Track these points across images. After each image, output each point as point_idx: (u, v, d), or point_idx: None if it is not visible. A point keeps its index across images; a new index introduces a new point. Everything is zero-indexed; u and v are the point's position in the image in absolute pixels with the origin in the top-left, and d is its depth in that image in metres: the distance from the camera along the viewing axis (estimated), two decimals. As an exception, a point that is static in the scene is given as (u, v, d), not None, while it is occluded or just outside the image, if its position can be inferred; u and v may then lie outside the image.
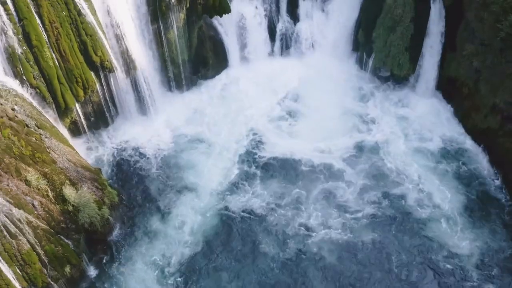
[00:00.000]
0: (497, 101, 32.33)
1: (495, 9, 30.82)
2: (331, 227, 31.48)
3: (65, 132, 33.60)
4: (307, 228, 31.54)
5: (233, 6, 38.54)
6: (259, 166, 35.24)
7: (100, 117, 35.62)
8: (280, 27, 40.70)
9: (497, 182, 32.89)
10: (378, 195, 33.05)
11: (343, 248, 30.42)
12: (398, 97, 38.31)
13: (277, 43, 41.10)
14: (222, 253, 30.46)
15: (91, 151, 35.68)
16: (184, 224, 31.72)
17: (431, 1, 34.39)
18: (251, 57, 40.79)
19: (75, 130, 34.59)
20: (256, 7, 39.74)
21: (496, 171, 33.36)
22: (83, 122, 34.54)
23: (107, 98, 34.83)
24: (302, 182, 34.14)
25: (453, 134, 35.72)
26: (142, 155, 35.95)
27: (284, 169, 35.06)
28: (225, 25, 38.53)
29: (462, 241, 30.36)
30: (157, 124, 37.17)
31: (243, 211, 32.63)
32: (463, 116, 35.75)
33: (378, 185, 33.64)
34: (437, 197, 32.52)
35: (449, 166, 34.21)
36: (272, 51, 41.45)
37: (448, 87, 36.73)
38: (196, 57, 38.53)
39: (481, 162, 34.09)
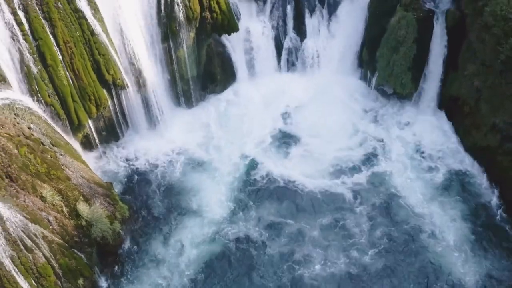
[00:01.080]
0: (496, 120, 33.16)
1: (496, 31, 31.68)
2: (333, 260, 31.69)
3: (77, 146, 34.77)
4: (308, 260, 31.63)
5: (241, 22, 39.68)
6: (260, 192, 35.69)
7: (111, 131, 36.83)
8: (286, 43, 41.55)
9: (495, 200, 33.49)
10: (380, 221, 33.48)
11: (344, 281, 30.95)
12: (401, 114, 39.15)
13: (284, 59, 41.97)
14: (218, 281, 31.11)
15: (102, 164, 36.85)
16: (183, 246, 32.33)
17: (434, 22, 35.29)
18: (258, 72, 41.77)
19: (87, 144, 35.79)
20: (264, 24, 40.75)
21: (494, 189, 34.05)
22: (95, 136, 35.72)
23: (118, 113, 36.05)
24: (303, 211, 34.41)
25: (453, 151, 36.58)
26: (150, 168, 37.06)
27: (285, 196, 35.33)
28: (233, 42, 39.59)
29: (466, 269, 30.72)
30: (166, 138, 38.24)
31: (242, 240, 32.93)
32: (463, 133, 36.57)
33: (379, 211, 34.10)
34: (438, 219, 33.18)
35: (450, 185, 35.05)
36: (279, 66, 42.33)
37: (450, 105, 37.60)
38: (205, 73, 39.68)
39: (480, 179, 34.82)
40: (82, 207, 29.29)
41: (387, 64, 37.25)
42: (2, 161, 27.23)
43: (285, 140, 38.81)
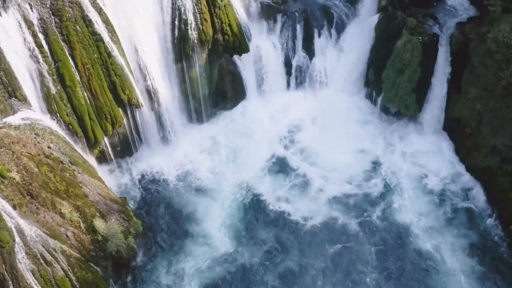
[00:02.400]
0: (497, 142, 34.29)
1: (498, 57, 32.96)
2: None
3: (93, 160, 36.24)
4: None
5: (252, 41, 40.73)
6: (262, 218, 36.20)
7: (126, 147, 38.26)
8: (295, 62, 42.69)
9: (494, 220, 34.59)
10: (381, 244, 34.27)
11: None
12: (404, 134, 40.22)
13: (293, 77, 43.11)
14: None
15: (116, 177, 38.27)
16: (190, 263, 33.58)
17: (439, 46, 36.48)
18: (267, 90, 42.98)
19: (102, 158, 37.26)
20: (274, 43, 41.92)
21: (493, 208, 35.11)
22: (110, 151, 37.23)
23: (133, 130, 37.47)
24: (304, 243, 34.71)
25: (455, 171, 37.62)
26: (162, 183, 38.50)
27: (286, 225, 35.78)
28: (243, 60, 40.81)
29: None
30: (177, 153, 39.65)
31: (241, 270, 33.56)
32: (465, 154, 37.71)
33: (380, 236, 34.82)
34: (436, 240, 34.20)
35: (450, 204, 36.03)
36: (288, 84, 43.51)
37: (452, 127, 38.70)
38: (216, 91, 41.06)
39: (479, 199, 35.81)
40: (98, 223, 30.74)
41: (392, 86, 38.45)
42: (24, 180, 28.69)
43: (290, 164, 39.43)
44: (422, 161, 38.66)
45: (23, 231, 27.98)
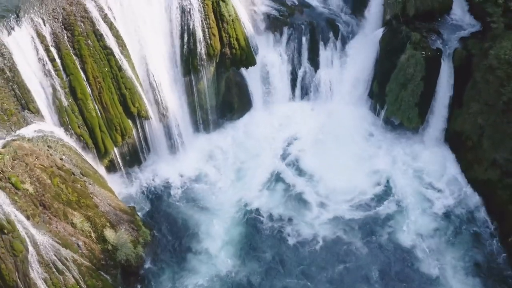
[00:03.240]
0: (497, 156, 35.07)
1: (500, 74, 33.72)
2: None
3: (102, 170, 37.11)
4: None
5: (259, 53, 41.31)
6: (262, 235, 36.63)
7: (134, 156, 39.06)
8: (301, 73, 43.34)
9: (493, 232, 35.48)
10: (384, 265, 34.84)
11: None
12: (407, 146, 40.72)
13: (298, 88, 43.78)
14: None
15: (125, 186, 39.07)
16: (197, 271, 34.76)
17: (442, 61, 37.15)
18: (273, 100, 43.63)
19: (112, 167, 38.09)
20: (280, 55, 42.55)
21: (492, 221, 35.97)
22: (119, 160, 38.03)
23: (141, 140, 38.27)
24: (305, 265, 34.94)
25: (456, 183, 38.22)
26: (169, 192, 39.30)
27: (286, 243, 36.02)
28: (250, 71, 41.39)
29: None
30: (184, 162, 40.34)
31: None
32: (466, 167, 38.41)
33: (384, 256, 35.33)
34: (439, 260, 34.74)
35: (453, 218, 36.68)
36: (293, 95, 44.15)
37: (454, 139, 39.34)
38: (223, 102, 41.85)
39: (480, 212, 36.66)
40: (108, 233, 31.66)
41: (396, 99, 39.09)
42: (37, 191, 29.57)
43: (292, 181, 39.53)
44: (424, 173, 39.21)
45: (36, 240, 28.98)
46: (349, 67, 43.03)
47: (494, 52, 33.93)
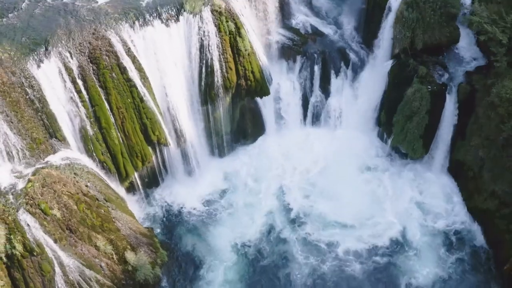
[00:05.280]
0: (496, 188, 36.59)
1: (501, 111, 35.18)
2: None
3: (123, 191, 39.30)
4: None
5: (273, 80, 43.08)
6: (267, 275, 37.82)
7: (153, 178, 41.36)
8: (312, 100, 45.13)
9: (491, 261, 37.14)
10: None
11: None
12: (412, 173, 42.37)
13: (309, 114, 45.58)
14: None
15: (143, 206, 41.43)
16: None
17: (447, 95, 38.68)
18: (285, 126, 45.55)
19: (131, 188, 40.31)
20: (293, 82, 44.50)
21: (489, 249, 37.63)
22: (138, 182, 40.27)
23: (160, 163, 40.43)
24: None
25: (457, 211, 39.88)
26: (184, 212, 41.41)
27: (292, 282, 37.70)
28: (264, 98, 43.07)
29: None
30: (199, 184, 42.43)
31: None
32: (467, 195, 40.07)
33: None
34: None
35: (451, 241, 38.39)
36: (304, 121, 46.04)
37: (456, 169, 41.00)
38: (237, 128, 43.82)
39: (478, 240, 38.29)
40: (129, 255, 33.87)
41: (402, 130, 40.72)
42: (64, 216, 31.79)
43: (300, 211, 40.90)
44: (427, 201, 40.79)
45: (63, 262, 31.33)
46: (358, 96, 44.76)
47: (496, 90, 35.37)
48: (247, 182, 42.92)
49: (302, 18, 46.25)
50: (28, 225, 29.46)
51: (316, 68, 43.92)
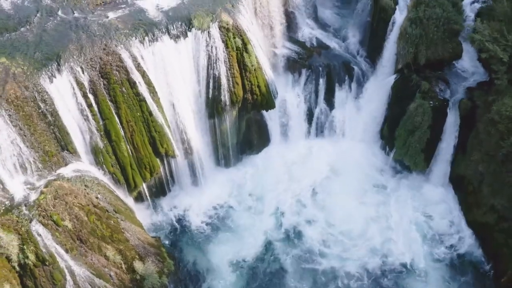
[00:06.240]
0: (495, 202, 37.41)
1: (501, 128, 35.88)
2: None
3: (131, 201, 40.36)
4: None
5: (278, 92, 43.84)
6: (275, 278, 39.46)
7: (160, 188, 42.50)
8: (317, 112, 46.10)
9: (489, 273, 38.03)
10: None
11: None
12: (414, 186, 43.45)
13: (313, 126, 46.56)
14: None
15: (150, 215, 42.49)
16: None
17: (448, 111, 39.59)
18: (289, 137, 46.56)
19: (139, 198, 41.44)
20: (298, 95, 45.48)
21: (488, 262, 38.50)
22: (146, 192, 41.40)
23: (167, 174, 41.59)
24: None
25: (456, 223, 40.92)
26: (190, 220, 42.60)
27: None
28: (270, 110, 44.16)
29: None
30: (205, 194, 43.63)
31: None
32: (466, 209, 40.99)
33: None
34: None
35: (450, 254, 39.35)
36: (309, 133, 47.02)
37: (456, 182, 41.94)
38: (243, 140, 44.86)
39: (477, 252, 39.24)
40: (137, 264, 34.97)
41: (404, 144, 41.70)
42: (75, 227, 32.89)
43: (302, 229, 41.80)
44: (427, 210, 41.91)
45: (73, 271, 32.48)
46: (362, 109, 45.68)
47: (496, 107, 36.04)
48: (250, 195, 43.88)
49: (307, 31, 47.35)
50: (40, 235, 30.72)
51: (321, 81, 44.75)
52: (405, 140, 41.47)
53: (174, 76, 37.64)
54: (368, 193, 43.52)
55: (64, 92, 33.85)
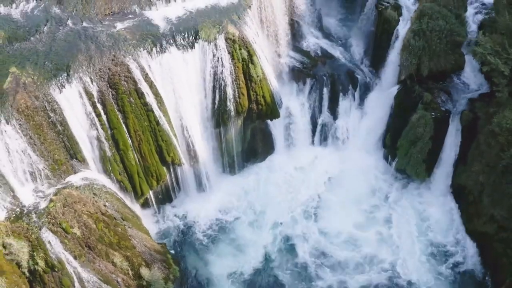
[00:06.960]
0: (495, 213, 37.86)
1: (501, 140, 36.40)
2: None
3: (138, 207, 41.15)
4: None
5: (283, 101, 44.58)
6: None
7: (166, 195, 43.36)
8: (321, 121, 46.71)
9: (487, 283, 38.63)
10: None
11: None
12: (415, 195, 43.98)
13: (317, 135, 47.18)
14: None
15: (156, 221, 43.38)
16: None
17: (450, 122, 40.20)
18: (294, 145, 47.19)
19: (145, 204, 42.22)
20: (302, 103, 46.13)
21: (486, 272, 39.08)
22: (152, 199, 42.25)
23: (173, 181, 42.40)
24: None
25: (456, 232, 41.46)
26: (195, 226, 43.42)
27: None
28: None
29: None
30: (211, 201, 44.31)
31: None
32: (466, 218, 41.56)
33: None
34: None
35: (449, 263, 39.93)
36: (312, 141, 47.67)
37: (457, 192, 42.49)
38: (248, 148, 45.57)
39: (476, 261, 39.76)
40: (144, 271, 35.78)
41: (406, 154, 42.34)
42: (84, 234, 33.68)
43: (306, 228, 42.86)
44: (428, 219, 42.48)
45: (82, 277, 33.29)
46: (365, 118, 46.38)
47: (497, 120, 36.51)
48: (255, 201, 44.54)
49: (312, 40, 48.08)
50: (50, 242, 31.55)
51: (325, 90, 45.36)
52: (407, 150, 42.08)
53: (181, 86, 38.35)
54: (369, 203, 44.04)
55: (73, 102, 34.41)
